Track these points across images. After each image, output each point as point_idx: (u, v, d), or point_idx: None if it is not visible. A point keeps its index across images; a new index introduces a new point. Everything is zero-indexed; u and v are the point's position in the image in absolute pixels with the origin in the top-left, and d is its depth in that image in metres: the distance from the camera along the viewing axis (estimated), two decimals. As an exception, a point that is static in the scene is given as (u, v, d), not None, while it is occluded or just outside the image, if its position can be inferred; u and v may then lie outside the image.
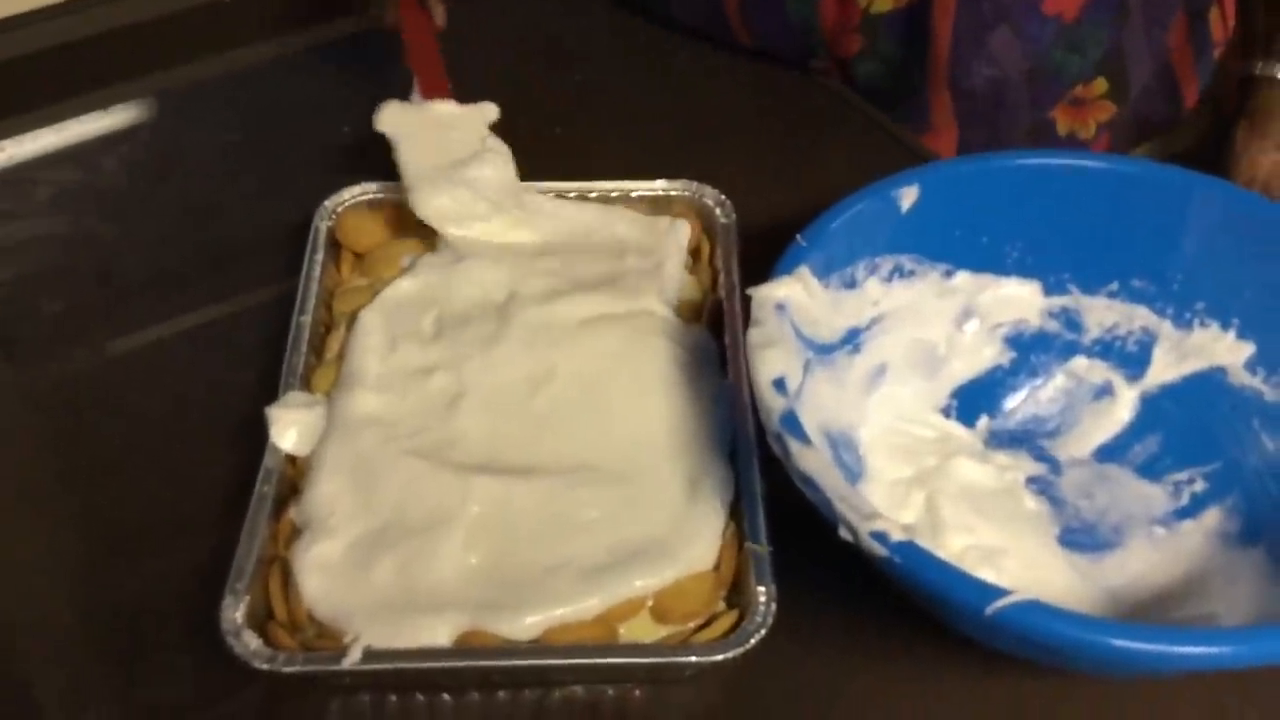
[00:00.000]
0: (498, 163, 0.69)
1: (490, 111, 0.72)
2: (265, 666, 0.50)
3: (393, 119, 0.70)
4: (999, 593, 0.44)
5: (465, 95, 0.84)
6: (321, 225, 0.69)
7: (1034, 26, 0.79)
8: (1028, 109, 0.83)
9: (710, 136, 0.82)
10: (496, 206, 0.68)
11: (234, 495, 0.57)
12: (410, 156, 0.68)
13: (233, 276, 0.74)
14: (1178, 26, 0.85)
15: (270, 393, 0.61)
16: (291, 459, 0.59)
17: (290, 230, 0.71)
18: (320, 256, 0.67)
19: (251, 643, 0.51)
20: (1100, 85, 0.83)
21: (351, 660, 0.50)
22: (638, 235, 0.69)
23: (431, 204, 0.67)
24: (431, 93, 0.72)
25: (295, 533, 0.56)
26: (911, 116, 0.85)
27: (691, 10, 0.88)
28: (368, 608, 0.53)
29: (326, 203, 0.70)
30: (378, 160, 0.71)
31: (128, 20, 0.94)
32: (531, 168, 0.71)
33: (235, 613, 0.52)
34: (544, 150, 0.79)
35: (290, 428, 0.58)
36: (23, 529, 0.62)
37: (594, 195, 0.71)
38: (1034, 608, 0.44)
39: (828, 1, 0.82)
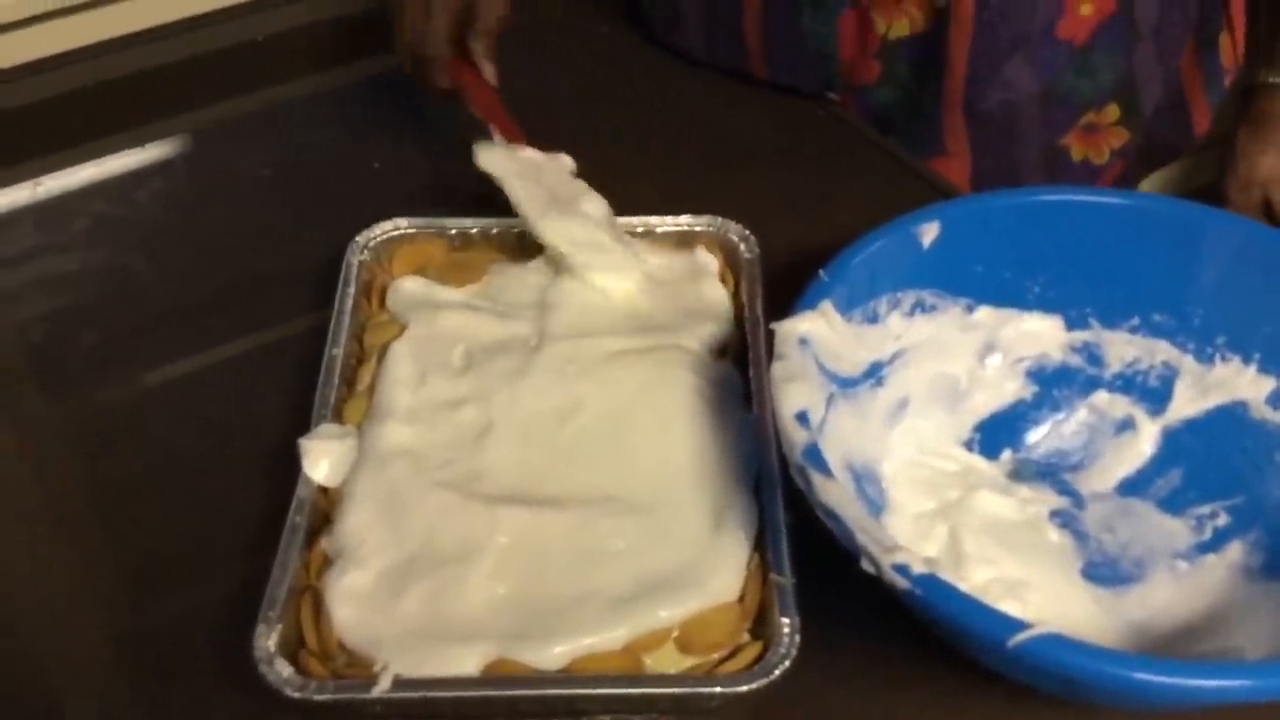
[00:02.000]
0: (598, 202, 0.71)
1: (567, 162, 0.74)
2: (297, 695, 0.51)
3: (490, 159, 0.70)
4: (1021, 626, 0.45)
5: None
6: (354, 260, 0.70)
7: (1046, 51, 0.80)
8: (1040, 134, 0.84)
9: (733, 171, 0.83)
10: (617, 238, 0.69)
11: (265, 525, 0.58)
12: (523, 192, 0.69)
13: (264, 309, 0.75)
14: (1188, 53, 0.86)
15: (302, 424, 0.62)
16: (323, 490, 0.60)
17: (321, 264, 0.73)
18: (352, 290, 0.68)
19: (284, 671, 0.52)
20: (1113, 112, 0.84)
21: (381, 689, 0.51)
22: (666, 270, 0.70)
23: (562, 231, 0.68)
24: (512, 139, 0.73)
25: (327, 562, 0.57)
26: (925, 142, 0.86)
27: (712, 41, 0.89)
28: (397, 637, 0.53)
29: (358, 238, 0.71)
30: (407, 195, 0.73)
31: (163, 60, 0.97)
32: (558, 202, 0.72)
33: (268, 641, 0.52)
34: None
35: (322, 459, 0.60)
36: (57, 557, 0.64)
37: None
38: (1056, 641, 0.45)
39: (847, 28, 0.83)
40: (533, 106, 0.89)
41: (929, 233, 0.60)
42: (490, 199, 0.74)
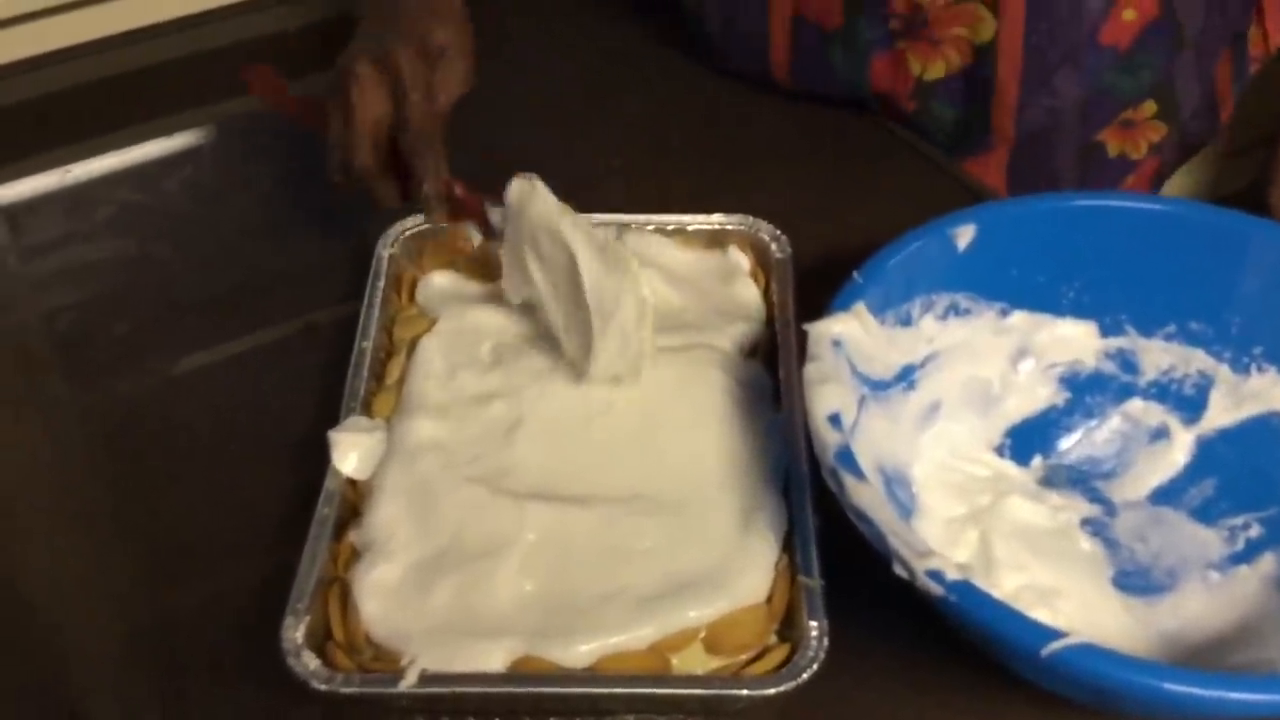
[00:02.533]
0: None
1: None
2: (324, 687, 0.51)
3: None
4: (1055, 635, 0.45)
5: (525, 129, 0.85)
6: (384, 253, 0.70)
7: (1091, 58, 0.79)
8: (1079, 131, 0.83)
9: (765, 171, 0.83)
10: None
11: (292, 517, 0.58)
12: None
13: (293, 301, 0.75)
14: (1224, 53, 0.86)
15: (330, 416, 0.62)
16: (352, 482, 0.60)
17: (349, 256, 0.72)
18: (382, 283, 0.68)
19: (311, 663, 0.52)
20: (1149, 108, 0.83)
21: (408, 683, 0.51)
22: (698, 268, 0.70)
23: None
24: (486, 234, 0.67)
25: (355, 555, 0.57)
26: (964, 148, 0.85)
27: (740, 62, 0.89)
28: (425, 631, 0.53)
29: (389, 231, 0.71)
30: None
31: (194, 49, 0.97)
32: (588, 200, 0.71)
33: (296, 633, 0.52)
34: (600, 183, 0.80)
35: (351, 451, 0.59)
36: (81, 547, 0.64)
37: (650, 228, 0.72)
38: (1090, 651, 0.44)
39: (879, 70, 0.83)
40: (562, 104, 0.90)
41: (965, 235, 0.60)
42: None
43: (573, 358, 0.64)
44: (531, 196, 0.63)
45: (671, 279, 0.69)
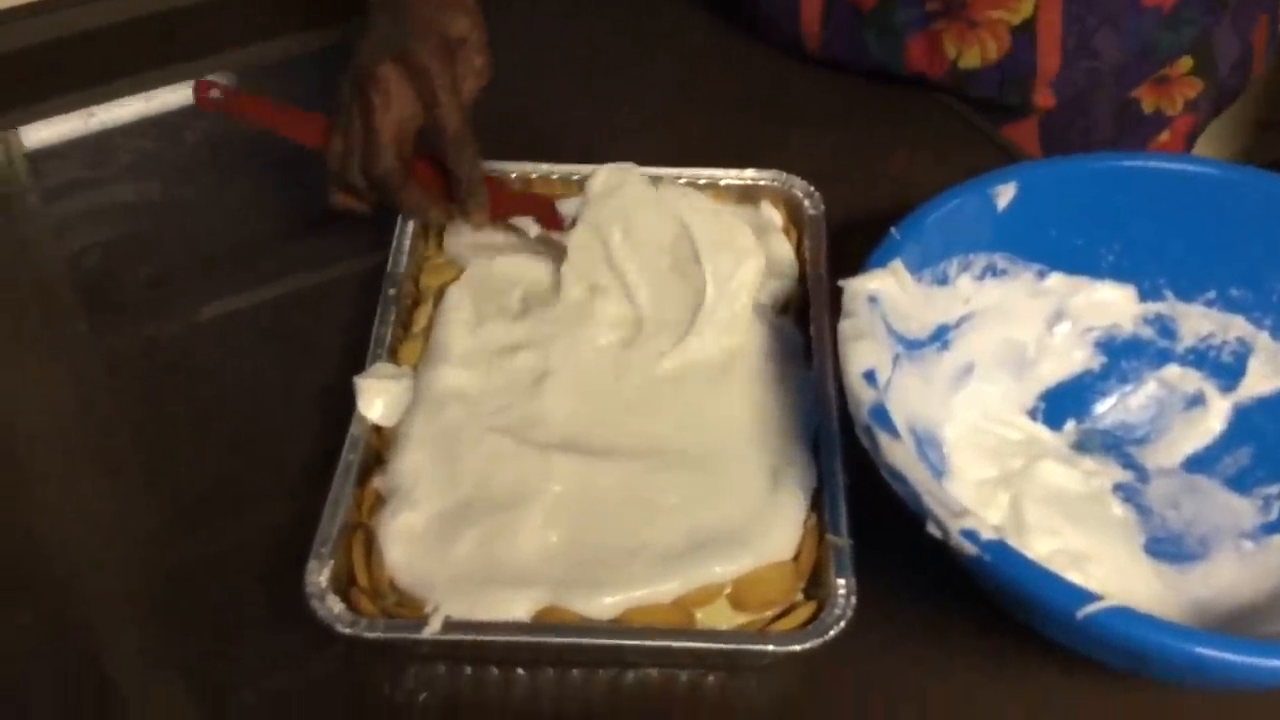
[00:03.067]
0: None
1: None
2: (348, 631, 0.51)
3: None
4: (1091, 597, 0.44)
5: (559, 82, 0.84)
6: (411, 204, 0.69)
7: (1133, 20, 0.78)
8: (1114, 90, 0.82)
9: (799, 128, 0.82)
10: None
11: (317, 463, 0.58)
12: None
13: (321, 248, 0.74)
14: (1263, 18, 0.85)
15: (357, 364, 0.61)
16: (377, 429, 0.59)
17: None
18: (411, 230, 0.67)
19: (335, 607, 0.51)
20: (1186, 63, 0.82)
21: (432, 630, 0.51)
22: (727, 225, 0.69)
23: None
24: (550, 225, 0.67)
25: (379, 501, 0.56)
26: (1003, 111, 0.84)
27: (773, 36, 0.87)
28: (449, 579, 0.53)
29: (417, 177, 0.70)
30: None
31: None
32: (622, 151, 0.70)
33: (320, 576, 0.52)
34: (633, 137, 0.79)
35: (377, 398, 0.59)
36: (108, 491, 0.64)
37: (682, 181, 0.71)
38: (1126, 614, 0.44)
39: (915, 52, 0.81)
40: (595, 63, 0.88)
41: (1005, 195, 0.59)
42: (553, 144, 0.72)
43: (658, 330, 0.63)
44: (625, 181, 0.65)
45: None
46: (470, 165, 0.63)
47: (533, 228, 0.66)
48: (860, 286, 0.55)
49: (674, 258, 0.64)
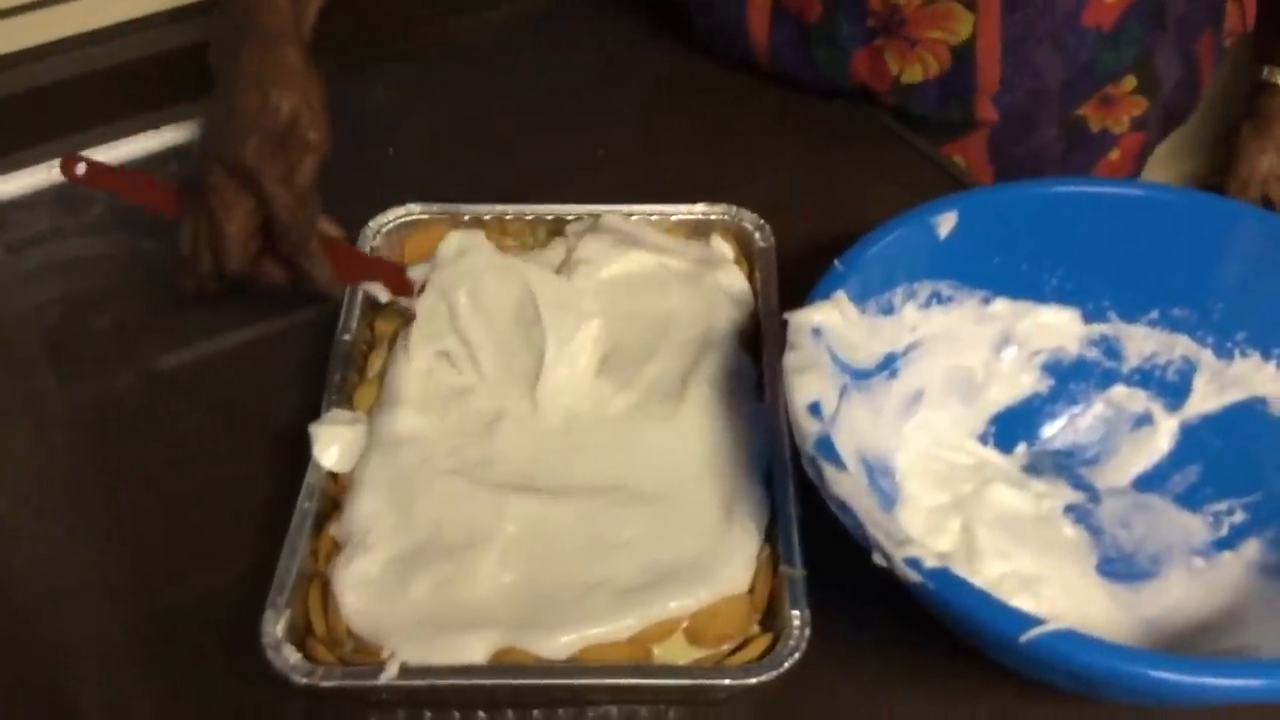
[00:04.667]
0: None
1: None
2: (304, 681, 0.51)
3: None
4: (1033, 621, 0.44)
5: (508, 120, 0.85)
6: (366, 245, 0.70)
7: (1072, 38, 0.79)
8: (1058, 108, 0.83)
9: (748, 160, 0.83)
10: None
11: (275, 511, 0.58)
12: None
13: (275, 296, 0.74)
14: (1205, 35, 0.86)
15: (312, 410, 0.62)
16: (333, 476, 0.59)
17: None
18: (363, 276, 0.68)
19: (291, 657, 0.52)
20: (1130, 82, 0.83)
21: (389, 676, 0.51)
22: (680, 262, 0.69)
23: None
24: (401, 289, 0.67)
25: (336, 549, 0.57)
26: (945, 130, 0.85)
27: (722, 48, 0.88)
28: (405, 624, 0.53)
29: (371, 223, 0.71)
30: (420, 181, 0.72)
31: (180, 43, 0.96)
32: (572, 191, 0.71)
33: (276, 627, 0.52)
34: (582, 174, 0.79)
35: (332, 445, 0.59)
36: (63, 540, 0.64)
37: (634, 218, 0.71)
38: (1069, 637, 0.44)
39: (859, 65, 0.83)
40: (546, 95, 0.89)
41: (946, 223, 0.59)
42: (520, 190, 0.73)
43: (500, 387, 0.64)
44: (475, 246, 0.67)
45: (658, 263, 0.69)
46: (313, 258, 0.65)
47: (383, 293, 0.67)
48: (804, 319, 0.55)
49: (518, 320, 0.65)
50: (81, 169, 0.67)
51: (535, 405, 0.63)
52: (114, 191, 0.69)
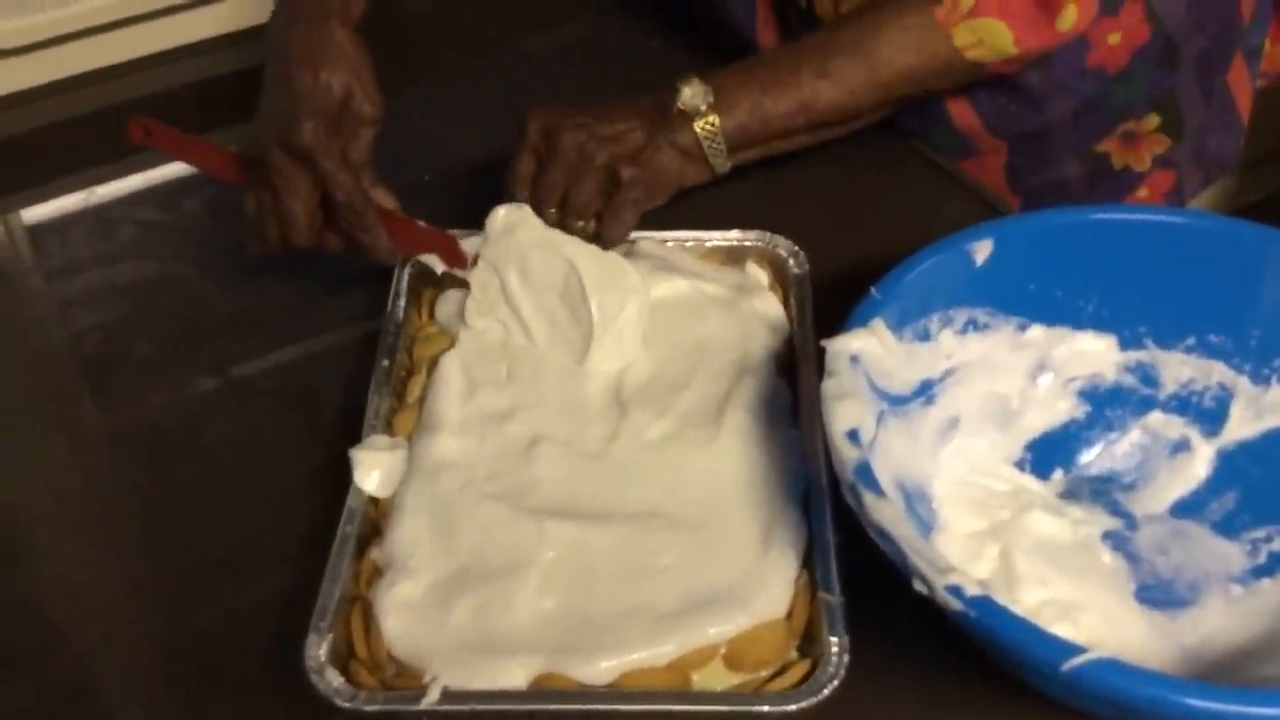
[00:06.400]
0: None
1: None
2: (347, 705, 0.51)
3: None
4: (1076, 650, 0.44)
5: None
6: (404, 271, 0.70)
7: (1076, 79, 0.79)
8: (1074, 138, 0.83)
9: (781, 185, 0.83)
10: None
11: (315, 535, 0.59)
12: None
13: (315, 319, 0.76)
14: (1236, 65, 0.85)
15: (352, 435, 0.62)
16: (374, 501, 0.60)
17: (371, 275, 0.73)
18: (403, 302, 0.69)
19: (335, 681, 0.52)
20: (1153, 120, 0.83)
21: (430, 700, 0.51)
22: (716, 288, 0.70)
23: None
24: (456, 261, 0.70)
25: (377, 573, 0.57)
26: (954, 147, 0.85)
27: (735, 41, 0.89)
28: (446, 648, 0.54)
29: (408, 249, 0.72)
30: (456, 206, 0.73)
31: (215, 72, 0.98)
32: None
33: (319, 650, 0.53)
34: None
35: (373, 470, 0.60)
36: (107, 564, 0.64)
37: (670, 244, 0.72)
38: (1110, 666, 0.44)
39: None
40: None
41: (982, 250, 0.60)
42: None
43: (550, 353, 0.67)
44: (521, 221, 0.68)
45: (695, 289, 0.70)
46: (371, 229, 0.68)
47: (439, 264, 0.69)
48: (842, 346, 0.56)
49: (565, 297, 0.67)
50: (146, 132, 0.69)
51: (583, 377, 0.66)
52: (178, 156, 0.72)
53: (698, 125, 0.73)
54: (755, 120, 0.73)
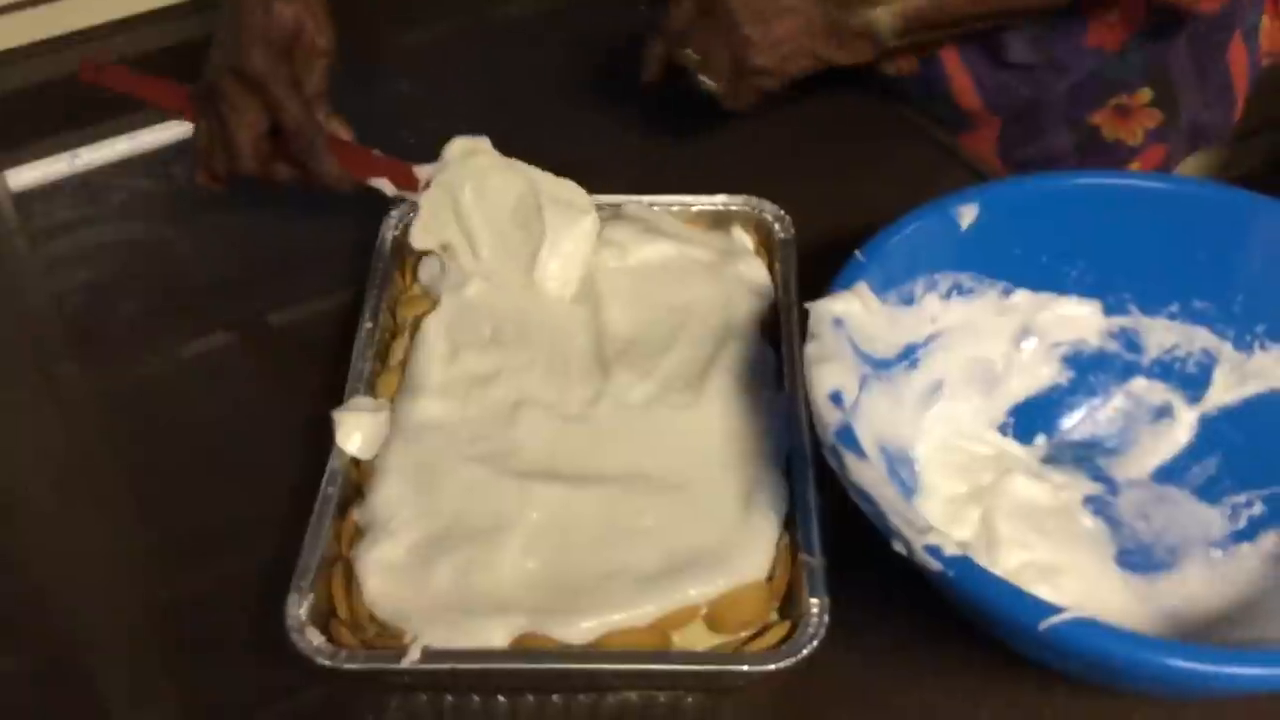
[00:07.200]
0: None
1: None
2: (327, 663, 0.52)
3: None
4: (1053, 609, 0.45)
5: (528, 110, 0.85)
6: (387, 234, 0.70)
7: (1074, 58, 0.79)
8: (1065, 109, 0.83)
9: (768, 150, 0.83)
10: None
11: (299, 497, 0.59)
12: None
13: (299, 283, 0.75)
14: (1235, 43, 0.85)
15: (335, 397, 0.62)
16: (356, 462, 0.60)
17: (355, 238, 0.73)
18: (384, 264, 0.68)
19: (315, 639, 0.52)
20: (1145, 94, 0.83)
21: (411, 659, 0.51)
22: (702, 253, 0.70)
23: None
24: (406, 183, 0.70)
25: (358, 534, 0.57)
26: (949, 120, 0.85)
27: None
28: (427, 609, 0.54)
29: (393, 212, 0.71)
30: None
31: (201, 34, 0.97)
32: (594, 182, 0.72)
33: (299, 609, 0.53)
34: (606, 164, 0.80)
35: (355, 431, 0.60)
36: (91, 525, 0.64)
37: (655, 208, 0.72)
38: (1087, 625, 0.44)
39: None
40: (563, 90, 0.90)
41: (968, 215, 0.60)
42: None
43: (497, 271, 0.68)
44: (480, 150, 0.70)
45: (680, 252, 0.69)
46: (321, 157, 0.68)
47: (389, 187, 0.70)
48: (825, 309, 0.56)
49: (518, 213, 0.68)
50: (98, 69, 0.71)
51: (532, 287, 0.67)
52: (131, 92, 0.73)
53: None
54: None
